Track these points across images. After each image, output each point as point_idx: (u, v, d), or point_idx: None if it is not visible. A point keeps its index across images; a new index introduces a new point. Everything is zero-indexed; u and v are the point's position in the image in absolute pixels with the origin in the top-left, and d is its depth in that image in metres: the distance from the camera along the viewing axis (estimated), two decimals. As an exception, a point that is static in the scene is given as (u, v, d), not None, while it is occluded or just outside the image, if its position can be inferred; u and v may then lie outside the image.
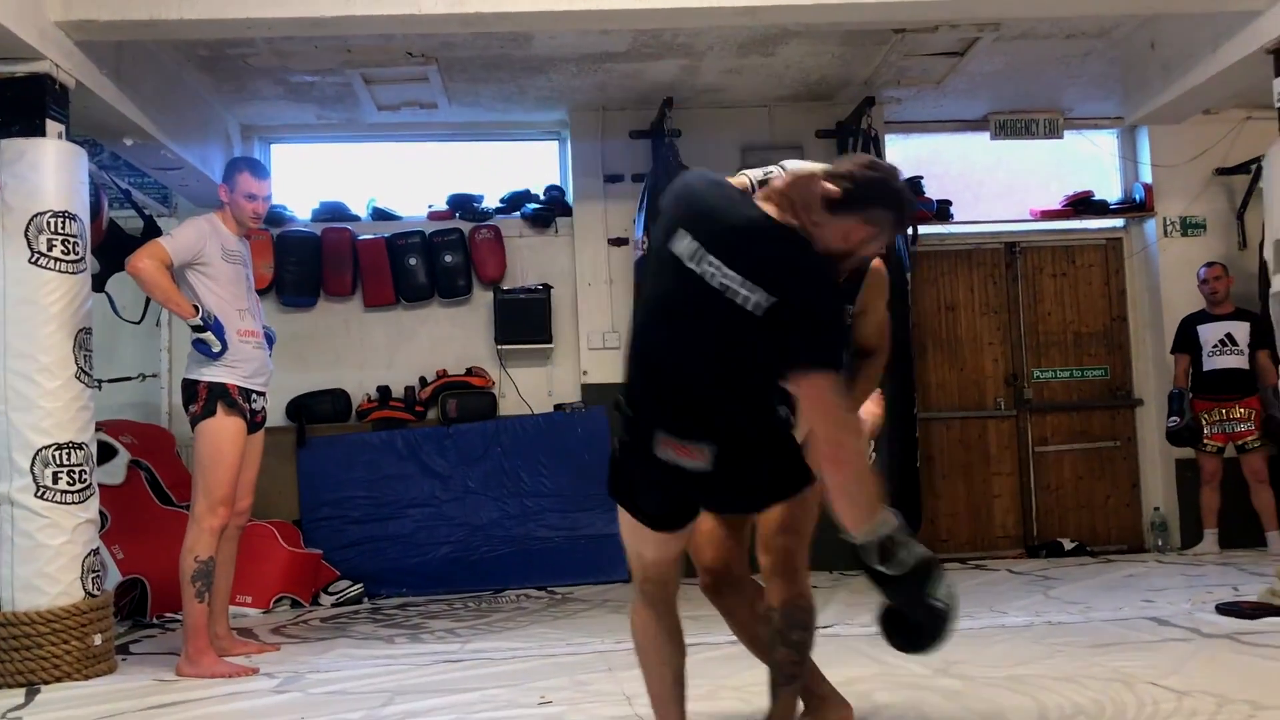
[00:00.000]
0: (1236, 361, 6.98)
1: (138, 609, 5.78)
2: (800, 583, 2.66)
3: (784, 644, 2.65)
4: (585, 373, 7.17)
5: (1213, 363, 7.02)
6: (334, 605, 6.27)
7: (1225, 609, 4.74)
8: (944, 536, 7.40)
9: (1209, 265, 7.17)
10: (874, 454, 2.37)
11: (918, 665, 3.88)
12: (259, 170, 4.72)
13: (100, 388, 5.26)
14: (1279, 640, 4.07)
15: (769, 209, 2.27)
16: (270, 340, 4.76)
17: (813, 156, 7.27)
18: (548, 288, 7.14)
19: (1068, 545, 7.35)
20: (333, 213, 7.26)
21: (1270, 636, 4.16)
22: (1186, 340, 7.13)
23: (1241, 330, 6.98)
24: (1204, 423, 6.96)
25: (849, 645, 4.38)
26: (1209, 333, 7.06)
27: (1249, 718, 2.96)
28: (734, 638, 4.62)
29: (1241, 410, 6.91)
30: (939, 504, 7.37)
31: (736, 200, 2.33)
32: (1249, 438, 6.89)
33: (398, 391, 7.05)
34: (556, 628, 5.14)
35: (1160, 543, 7.38)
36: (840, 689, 3.53)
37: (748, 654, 4.22)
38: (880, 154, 7.06)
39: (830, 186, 2.22)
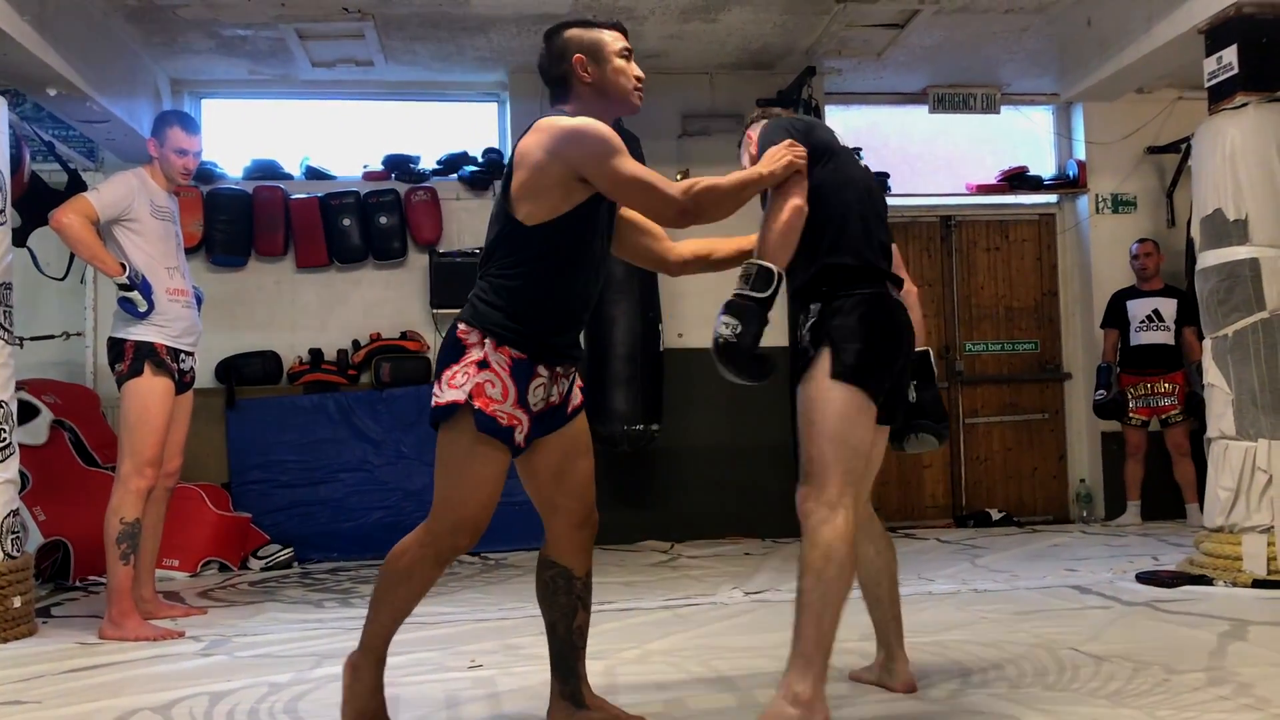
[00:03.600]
0: (1163, 337, 7.12)
1: (60, 572, 5.67)
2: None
3: (584, 608, 2.75)
4: (521, 339, 7.11)
5: (1140, 338, 7.16)
6: (263, 569, 6.20)
7: (1145, 578, 4.85)
8: (875, 504, 7.46)
9: (1141, 242, 7.29)
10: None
11: (844, 630, 3.93)
12: (190, 124, 4.60)
13: (21, 345, 5.11)
14: (1195, 608, 4.18)
15: None
16: (199, 300, 4.66)
17: (753, 125, 7.32)
18: (485, 252, 7.08)
19: (995, 515, 7.49)
20: (265, 171, 7.12)
21: (1186, 604, 4.27)
22: (1116, 315, 7.27)
23: (1169, 307, 7.12)
24: (1130, 397, 7.11)
25: (778, 611, 4.42)
26: (1137, 308, 7.19)
27: (1162, 681, 3.03)
28: (665, 602, 4.65)
29: (1166, 385, 7.07)
30: (871, 473, 7.45)
31: None
32: (1172, 412, 7.05)
33: (330, 354, 6.96)
34: (488, 593, 5.13)
35: (1085, 514, 7.55)
36: (769, 652, 3.59)
37: (675, 618, 4.26)
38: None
39: None
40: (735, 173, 2.66)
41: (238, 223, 6.90)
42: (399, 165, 7.19)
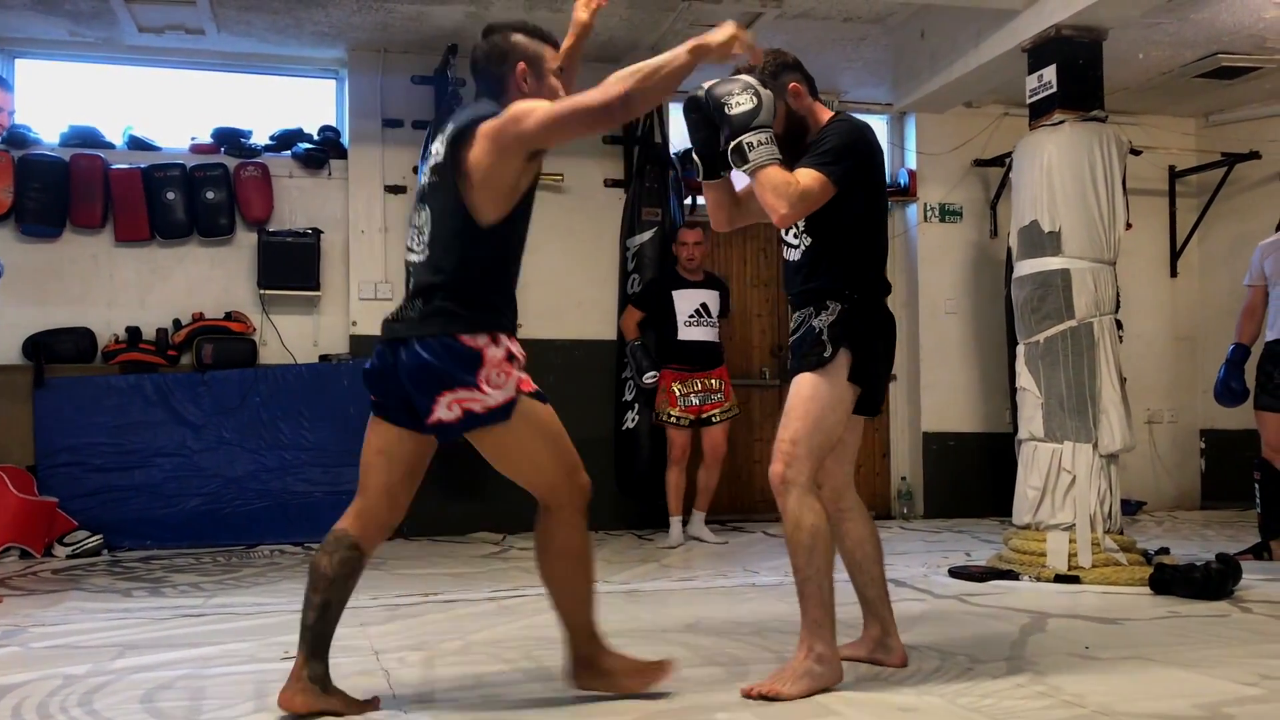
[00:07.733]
0: (710, 334, 6.51)
1: None
2: None
3: None
4: (355, 323, 6.95)
5: (688, 333, 6.48)
6: (69, 557, 5.89)
7: (956, 572, 5.05)
8: (718, 499, 7.57)
9: (692, 228, 6.68)
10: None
11: (669, 620, 3.97)
12: (3, 82, 4.33)
13: None
14: (1001, 601, 4.37)
15: None
16: (-1, 271, 4.39)
17: (597, 118, 7.32)
18: (318, 232, 6.88)
19: (821, 510, 7.65)
20: (84, 138, 6.75)
21: (994, 598, 4.46)
22: (654, 301, 6.59)
23: (714, 300, 6.56)
24: (677, 394, 6.43)
25: (605, 601, 4.42)
26: (683, 301, 6.51)
27: (966, 670, 3.15)
28: (492, 594, 4.61)
29: (713, 382, 6.49)
30: (703, 468, 7.54)
31: None
32: (715, 410, 6.46)
33: (149, 334, 6.65)
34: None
35: (905, 510, 7.81)
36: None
37: (501, 610, 4.23)
38: (663, 121, 7.13)
39: None
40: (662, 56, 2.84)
41: (52, 191, 6.52)
42: (229, 139, 6.92)
